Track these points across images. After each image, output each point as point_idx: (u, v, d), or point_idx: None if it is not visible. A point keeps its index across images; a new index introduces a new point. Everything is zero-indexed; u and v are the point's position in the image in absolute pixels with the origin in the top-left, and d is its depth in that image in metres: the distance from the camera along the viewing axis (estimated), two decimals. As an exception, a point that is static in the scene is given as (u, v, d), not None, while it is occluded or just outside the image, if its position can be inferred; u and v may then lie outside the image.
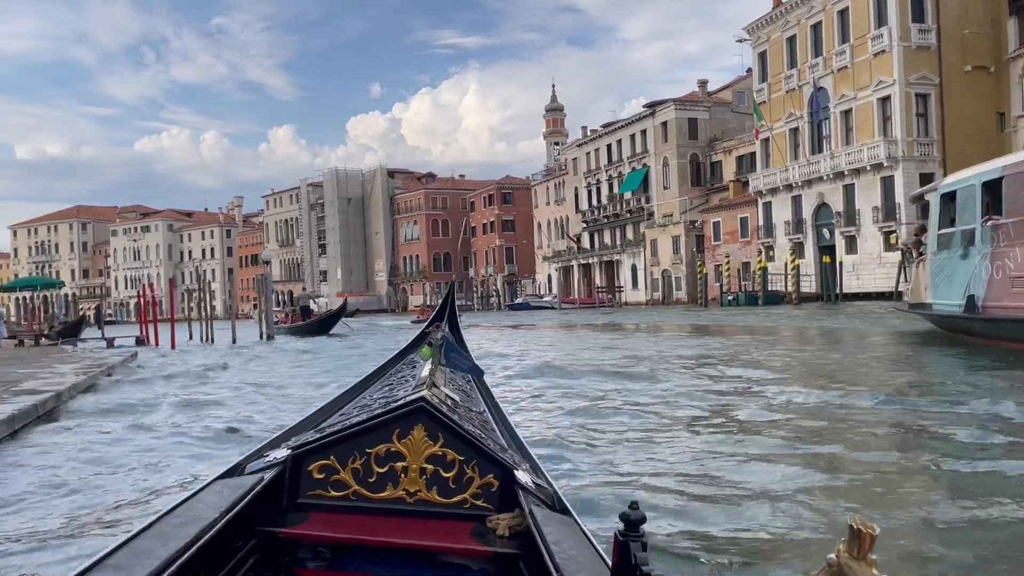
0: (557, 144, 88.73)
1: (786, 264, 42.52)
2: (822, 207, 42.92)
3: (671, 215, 56.64)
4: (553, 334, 26.04)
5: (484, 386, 3.81)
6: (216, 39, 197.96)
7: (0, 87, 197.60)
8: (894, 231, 38.33)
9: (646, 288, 57.78)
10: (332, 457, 2.06)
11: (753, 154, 51.02)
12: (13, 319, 43.51)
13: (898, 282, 36.71)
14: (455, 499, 2.06)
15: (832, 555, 0.97)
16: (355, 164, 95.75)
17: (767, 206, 46.84)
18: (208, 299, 31.83)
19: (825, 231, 42.90)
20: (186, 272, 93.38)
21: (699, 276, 49.11)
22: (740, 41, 50.81)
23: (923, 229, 16.41)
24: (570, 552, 1.67)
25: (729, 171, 54.64)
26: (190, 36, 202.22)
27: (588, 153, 68.56)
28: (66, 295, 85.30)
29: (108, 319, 79.57)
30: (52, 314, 39.21)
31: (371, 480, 2.05)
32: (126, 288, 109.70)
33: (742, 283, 46.99)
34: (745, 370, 10.78)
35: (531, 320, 40.14)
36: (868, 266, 39.37)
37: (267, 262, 32.63)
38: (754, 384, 9.11)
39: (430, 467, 2.05)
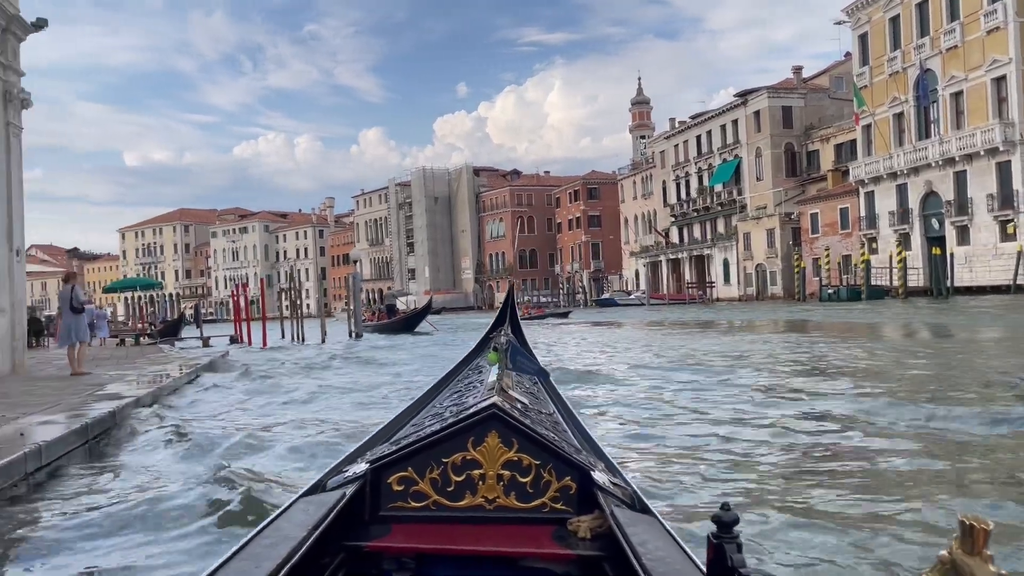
0: (643, 138, 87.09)
1: (891, 256, 40.25)
2: (930, 196, 40.40)
3: (765, 207, 54.58)
4: (642, 333, 25.17)
5: (551, 387, 3.81)
6: (309, 45, 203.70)
7: (109, 98, 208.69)
8: (1011, 220, 35.73)
9: (739, 283, 55.87)
10: (410, 468, 2.08)
11: (853, 142, 48.56)
12: (121, 318, 45.58)
13: (1016, 274, 34.46)
14: (534, 503, 2.06)
15: (944, 551, 0.94)
16: (442, 163, 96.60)
17: (869, 196, 44.46)
18: (301, 298, 32.26)
19: (934, 221, 40.40)
20: (281, 271, 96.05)
21: (796, 270, 47.07)
22: (838, 23, 48.48)
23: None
24: (657, 553, 1.65)
25: (827, 160, 52.22)
26: (284, 43, 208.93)
27: (676, 145, 66.88)
28: (169, 295, 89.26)
29: (209, 318, 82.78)
30: (154, 313, 40.72)
31: (450, 489, 2.07)
32: (225, 287, 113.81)
33: (843, 277, 44.76)
34: (878, 385, 9.43)
35: (618, 317, 39.23)
36: (982, 258, 36.83)
37: (355, 261, 32.88)
38: (897, 406, 7.29)
39: (507, 473, 2.06)
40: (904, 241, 40.72)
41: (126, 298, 40.70)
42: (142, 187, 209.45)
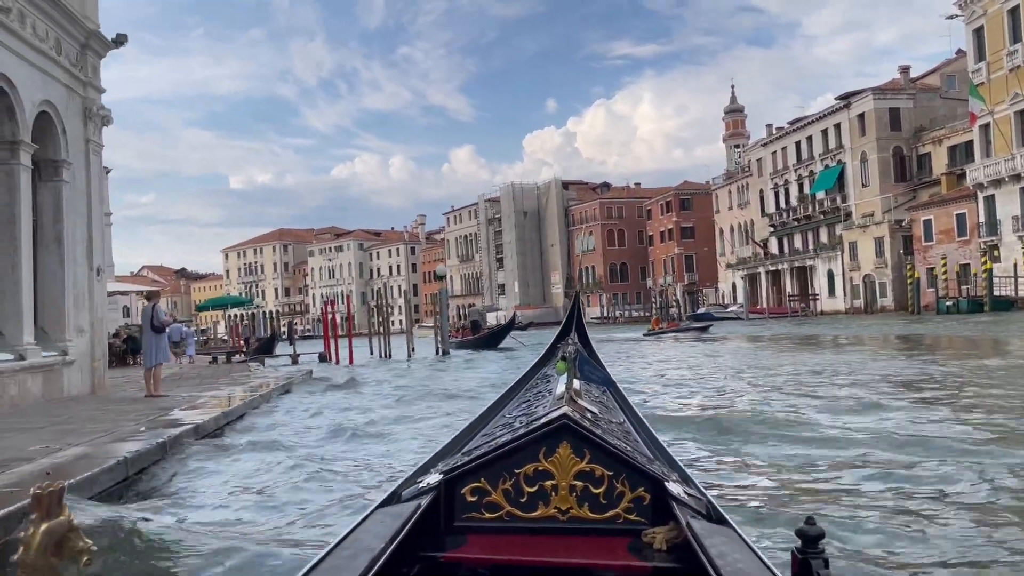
0: (737, 147, 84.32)
1: (1015, 265, 37.02)
2: (1060, 198, 37.03)
3: (872, 214, 51.50)
4: (780, 353, 23.60)
5: (620, 396, 3.76)
6: (402, 68, 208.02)
7: (215, 124, 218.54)
8: None
9: (845, 295, 52.83)
10: (483, 479, 2.08)
11: (969, 143, 45.20)
12: (223, 336, 46.70)
13: None
14: (608, 514, 2.05)
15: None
16: (531, 179, 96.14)
17: (989, 200, 41.15)
18: (387, 315, 32.00)
19: (1065, 226, 37.00)
20: (375, 288, 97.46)
21: (909, 281, 44.00)
22: (950, 18, 45.31)
23: None
24: (737, 565, 1.62)
25: (940, 163, 48.86)
26: (378, 67, 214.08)
27: (774, 152, 64.20)
28: (267, 312, 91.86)
29: (306, 334, 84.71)
30: (250, 330, 41.43)
31: (522, 500, 2.06)
32: (323, 305, 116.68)
33: (961, 287, 41.53)
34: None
35: (717, 331, 37.38)
36: (1124, 265, 33.37)
37: (441, 277, 32.39)
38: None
39: (579, 484, 2.05)
40: (1031, 248, 37.39)
41: (228, 315, 41.65)
42: (245, 208, 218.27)
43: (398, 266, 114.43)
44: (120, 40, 12.96)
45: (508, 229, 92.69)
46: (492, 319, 58.02)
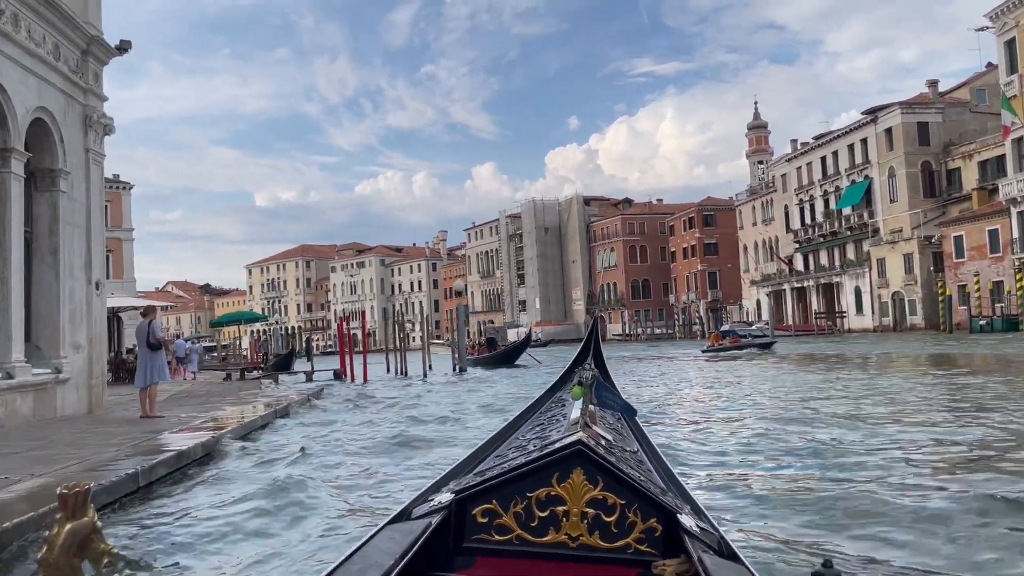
0: (761, 163, 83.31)
1: (1052, 282, 35.83)
2: (1099, 213, 35.81)
3: (900, 230, 50.32)
4: (788, 373, 22.75)
5: (636, 424, 3.72)
6: (426, 86, 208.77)
7: (240, 143, 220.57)
8: None
9: (873, 313, 51.56)
10: (494, 501, 2.06)
11: (1001, 157, 44.05)
12: (245, 352, 46.42)
13: None
14: (618, 544, 2.02)
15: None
16: (553, 195, 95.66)
17: (1023, 215, 39.97)
18: (404, 331, 31.45)
19: (1104, 242, 35.75)
20: (397, 304, 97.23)
21: (940, 298, 42.77)
22: (980, 30, 44.31)
23: None
24: None
25: (970, 178, 47.66)
26: (402, 85, 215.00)
27: (799, 168, 63.17)
28: (288, 328, 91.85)
29: (328, 350, 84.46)
30: (267, 346, 41.17)
31: (533, 524, 2.03)
32: (344, 320, 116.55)
33: (995, 305, 40.27)
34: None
35: (745, 352, 36.41)
36: None
37: (459, 292, 31.87)
38: None
39: (591, 511, 2.02)
40: (1069, 265, 36.15)
41: (251, 331, 41.28)
42: (270, 225, 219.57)
43: (419, 282, 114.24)
44: (124, 47, 12.56)
45: (529, 245, 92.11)
46: (512, 335, 57.38)
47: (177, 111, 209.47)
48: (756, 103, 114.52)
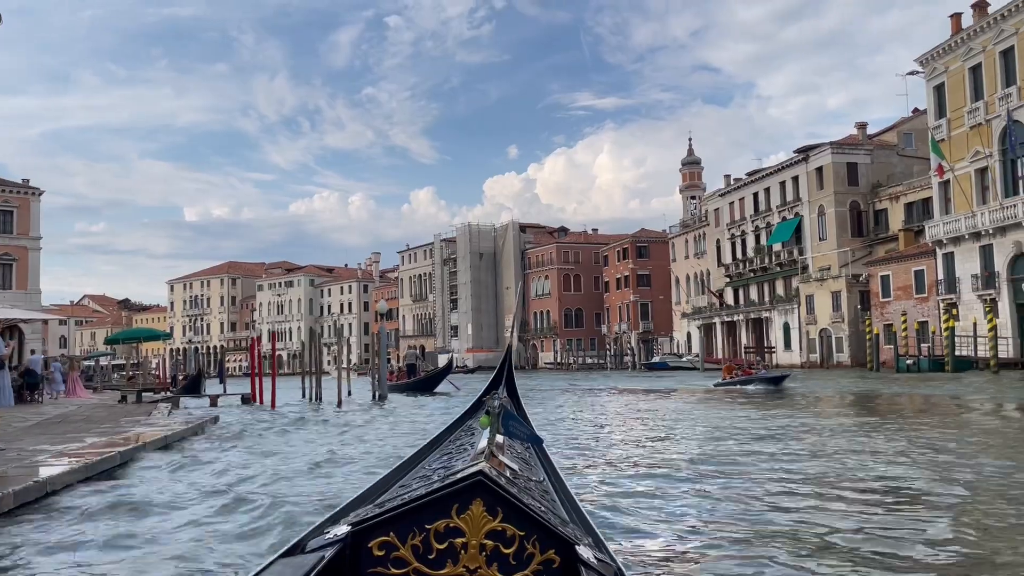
0: (694, 198, 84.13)
1: (974, 324, 36.26)
2: (1020, 257, 36.51)
3: (829, 268, 50.90)
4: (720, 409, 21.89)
5: (544, 453, 3.73)
6: (365, 108, 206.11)
7: (174, 155, 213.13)
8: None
9: (801, 349, 51.86)
10: (392, 533, 2.01)
11: (926, 200, 45.07)
12: (154, 371, 43.71)
13: None
14: None
15: None
16: (490, 222, 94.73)
17: (948, 257, 40.65)
18: (327, 353, 29.74)
19: (1024, 286, 36.46)
20: (325, 326, 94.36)
21: (868, 337, 43.09)
22: (910, 74, 45.39)
23: None
24: None
25: (896, 220, 48.60)
26: (342, 106, 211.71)
27: (732, 203, 63.75)
28: (207, 348, 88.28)
29: (249, 371, 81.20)
30: (179, 366, 38.77)
31: (431, 557, 1.99)
32: (268, 341, 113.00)
33: (920, 345, 40.70)
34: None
35: (673, 384, 35.80)
36: (1085, 327, 32.73)
37: (382, 314, 30.34)
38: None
39: (490, 543, 1.99)
40: (991, 307, 36.72)
41: (172, 350, 38.83)
42: (200, 241, 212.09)
43: (350, 303, 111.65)
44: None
45: (463, 270, 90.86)
46: (443, 361, 55.93)
47: (107, 121, 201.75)
48: (691, 140, 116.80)
